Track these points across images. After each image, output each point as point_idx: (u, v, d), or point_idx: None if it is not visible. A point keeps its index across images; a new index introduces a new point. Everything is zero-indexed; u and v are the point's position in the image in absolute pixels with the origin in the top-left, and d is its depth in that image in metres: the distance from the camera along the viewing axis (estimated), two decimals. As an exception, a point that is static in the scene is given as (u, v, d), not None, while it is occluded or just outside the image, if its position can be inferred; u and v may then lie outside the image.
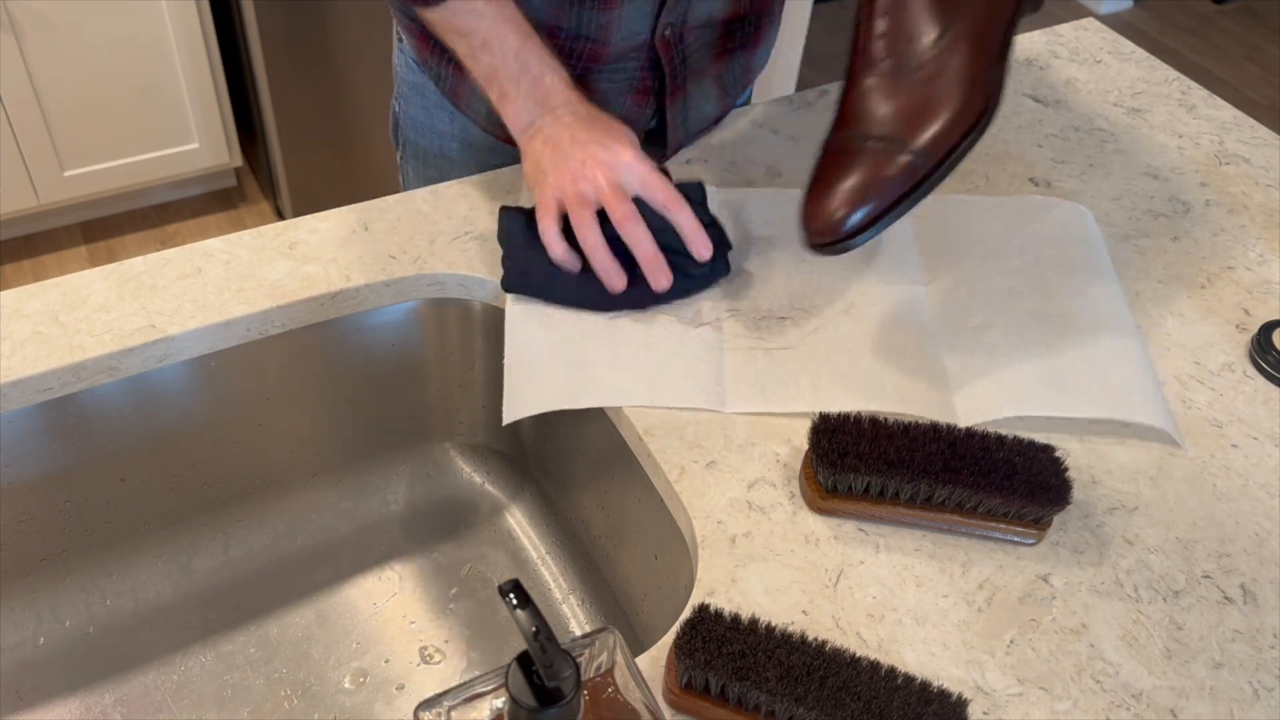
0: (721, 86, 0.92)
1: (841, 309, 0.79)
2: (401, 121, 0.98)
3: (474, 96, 0.89)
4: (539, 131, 0.77)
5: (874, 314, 0.78)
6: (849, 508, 0.66)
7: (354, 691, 0.78)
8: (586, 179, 0.73)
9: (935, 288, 0.81)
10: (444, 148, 0.95)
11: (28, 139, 1.98)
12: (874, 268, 0.82)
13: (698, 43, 0.87)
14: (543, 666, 0.45)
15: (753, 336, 0.76)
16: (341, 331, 0.81)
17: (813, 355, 0.75)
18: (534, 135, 0.77)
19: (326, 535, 0.87)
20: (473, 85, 0.86)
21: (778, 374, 0.74)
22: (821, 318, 0.78)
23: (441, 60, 0.88)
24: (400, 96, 0.97)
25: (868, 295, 0.80)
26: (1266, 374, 0.78)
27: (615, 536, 0.81)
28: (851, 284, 0.81)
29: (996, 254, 0.85)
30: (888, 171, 0.67)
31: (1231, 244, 0.90)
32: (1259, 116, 2.85)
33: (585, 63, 0.84)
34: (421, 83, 0.93)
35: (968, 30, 0.68)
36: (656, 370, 0.74)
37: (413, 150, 0.99)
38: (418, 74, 0.93)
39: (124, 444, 0.77)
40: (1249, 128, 1.03)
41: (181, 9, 1.95)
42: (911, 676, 0.55)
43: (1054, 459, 0.65)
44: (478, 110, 0.90)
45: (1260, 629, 0.63)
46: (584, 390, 0.72)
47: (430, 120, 0.95)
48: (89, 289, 0.77)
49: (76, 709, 0.77)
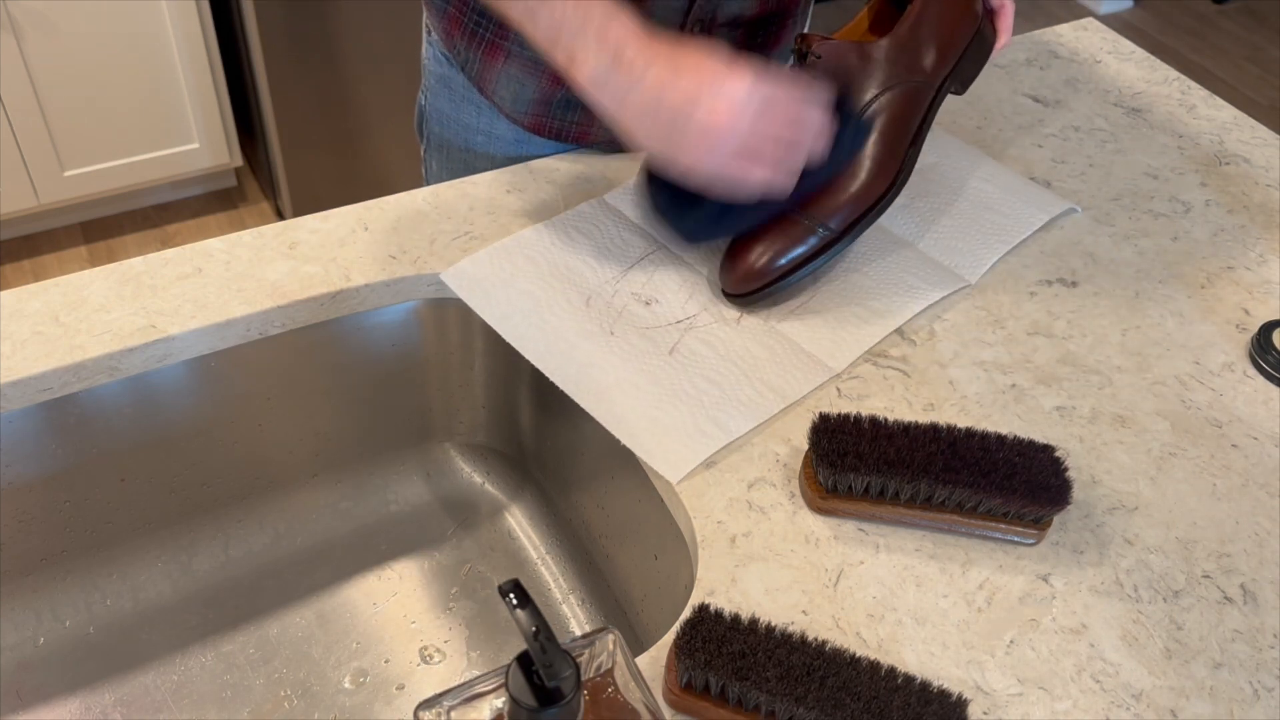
0: None
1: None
2: (427, 114, 0.99)
3: (500, 84, 0.89)
4: (625, 103, 0.68)
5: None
6: (849, 508, 0.66)
7: (354, 691, 0.78)
8: (720, 140, 0.67)
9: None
10: (470, 141, 0.96)
11: (28, 139, 1.98)
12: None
13: (723, 40, 0.88)
14: (543, 666, 0.45)
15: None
16: (341, 331, 0.81)
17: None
18: (621, 107, 0.69)
19: (326, 535, 0.87)
20: (500, 71, 0.86)
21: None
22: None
23: (471, 44, 0.88)
24: (427, 89, 0.98)
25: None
26: (1266, 374, 0.78)
27: (615, 536, 0.81)
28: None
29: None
30: (799, 241, 0.77)
31: (1231, 244, 0.90)
32: (1259, 116, 2.85)
33: None
34: (449, 75, 0.93)
35: (886, 116, 0.77)
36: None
37: (437, 143, 0.99)
38: (445, 67, 0.93)
39: (124, 444, 0.77)
40: (1249, 128, 1.03)
41: (181, 9, 1.95)
42: (911, 676, 0.55)
43: (1054, 459, 0.65)
44: (503, 97, 0.90)
45: (1260, 629, 0.63)
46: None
47: (457, 113, 0.95)
48: (89, 289, 0.77)
49: (76, 709, 0.76)
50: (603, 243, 0.83)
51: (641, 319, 0.77)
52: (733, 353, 0.76)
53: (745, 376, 0.74)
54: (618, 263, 0.81)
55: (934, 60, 0.79)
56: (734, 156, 0.69)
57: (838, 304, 0.80)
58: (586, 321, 0.77)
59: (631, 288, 0.80)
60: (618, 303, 0.78)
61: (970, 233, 0.87)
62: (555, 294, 0.78)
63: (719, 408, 0.72)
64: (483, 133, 0.95)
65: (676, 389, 0.73)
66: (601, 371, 0.73)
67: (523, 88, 0.89)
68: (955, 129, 0.99)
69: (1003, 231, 0.87)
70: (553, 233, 0.83)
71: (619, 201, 0.86)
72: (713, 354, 0.75)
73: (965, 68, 0.82)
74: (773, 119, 0.68)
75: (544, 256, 0.81)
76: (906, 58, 0.78)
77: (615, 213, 0.85)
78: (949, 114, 1.01)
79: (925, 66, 0.78)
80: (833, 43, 0.77)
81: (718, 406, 0.72)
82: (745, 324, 0.78)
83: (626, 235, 0.84)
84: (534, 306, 0.77)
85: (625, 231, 0.84)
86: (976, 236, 0.86)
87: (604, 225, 0.84)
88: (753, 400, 0.72)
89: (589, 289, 0.79)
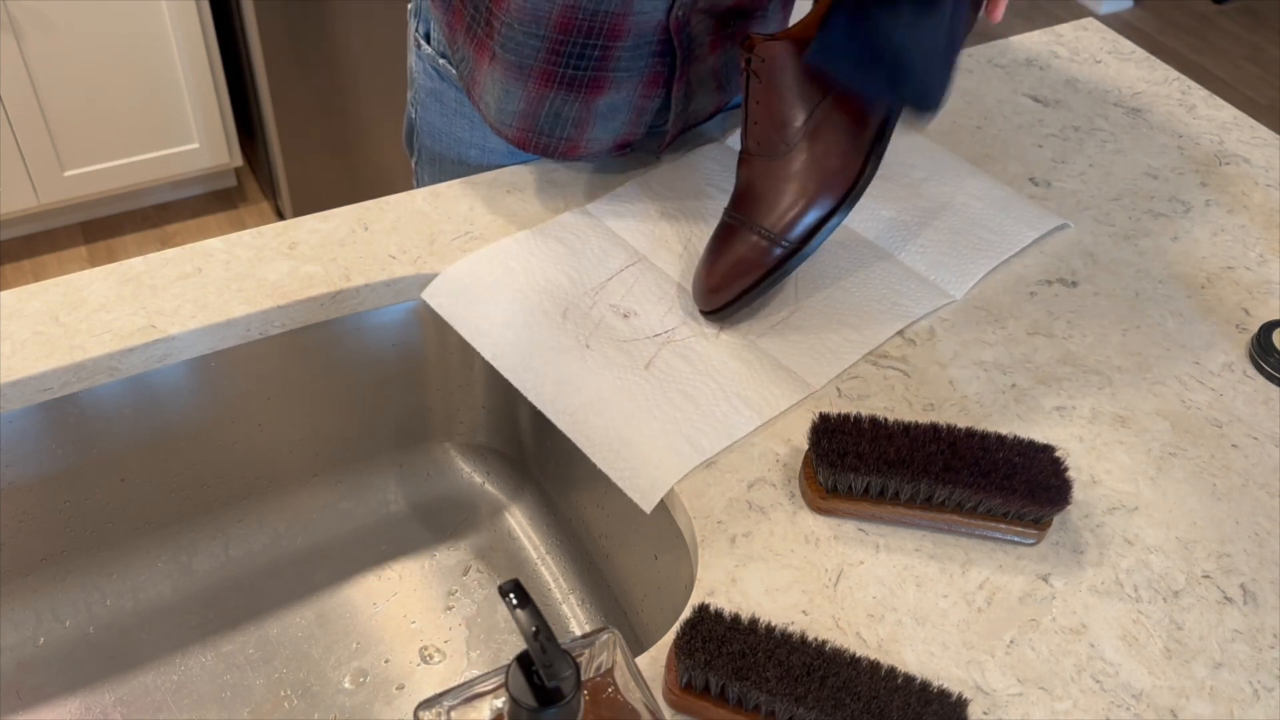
0: (717, 80, 0.92)
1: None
2: (418, 128, 0.98)
3: (485, 88, 0.89)
4: None
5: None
6: (849, 508, 0.66)
7: (354, 691, 0.78)
8: None
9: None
10: (462, 154, 0.95)
11: (28, 139, 1.98)
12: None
13: (699, 28, 0.87)
14: (543, 666, 0.45)
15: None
16: (341, 331, 0.81)
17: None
18: None
19: (326, 535, 0.87)
20: (485, 73, 0.86)
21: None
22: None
23: (469, 42, 0.88)
24: (417, 103, 0.97)
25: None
26: (1266, 374, 0.78)
27: (615, 536, 0.81)
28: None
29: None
30: (759, 258, 0.76)
31: (1231, 244, 0.90)
32: (1259, 116, 2.86)
33: (605, 40, 0.84)
34: (440, 89, 0.93)
35: (839, 115, 0.75)
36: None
37: (428, 156, 0.98)
38: (436, 80, 0.93)
39: (124, 444, 0.77)
40: (1249, 128, 1.03)
41: (181, 9, 1.95)
42: (911, 676, 0.55)
43: (1054, 459, 0.65)
44: (488, 103, 0.90)
45: (1260, 629, 0.63)
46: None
47: (449, 127, 0.95)
48: (89, 289, 0.77)
49: (76, 709, 0.77)
50: (583, 253, 0.82)
51: (619, 332, 0.76)
52: (710, 368, 0.74)
53: (722, 392, 0.73)
54: (597, 274, 0.80)
55: None
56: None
57: (820, 320, 0.79)
58: (563, 335, 0.76)
59: (610, 299, 0.79)
60: (595, 314, 0.77)
61: (957, 247, 0.86)
62: (533, 306, 0.77)
63: (693, 425, 0.71)
64: (476, 146, 0.94)
65: (651, 406, 0.71)
66: (575, 389, 0.72)
67: (507, 94, 0.87)
68: (955, 130, 0.99)
69: (990, 247, 0.86)
70: (532, 243, 0.82)
71: (601, 211, 0.86)
72: (690, 369, 0.74)
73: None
74: None
75: (522, 267, 0.80)
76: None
77: (597, 223, 0.85)
78: (948, 115, 1.01)
79: None
80: (777, 43, 0.75)
81: (692, 424, 0.71)
82: (724, 339, 0.77)
83: (607, 246, 0.83)
84: (510, 320, 0.76)
85: (606, 242, 0.83)
86: (963, 251, 0.85)
87: (585, 235, 0.83)
88: (728, 417, 0.71)
89: (566, 300, 0.78)
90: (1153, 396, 0.76)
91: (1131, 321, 0.82)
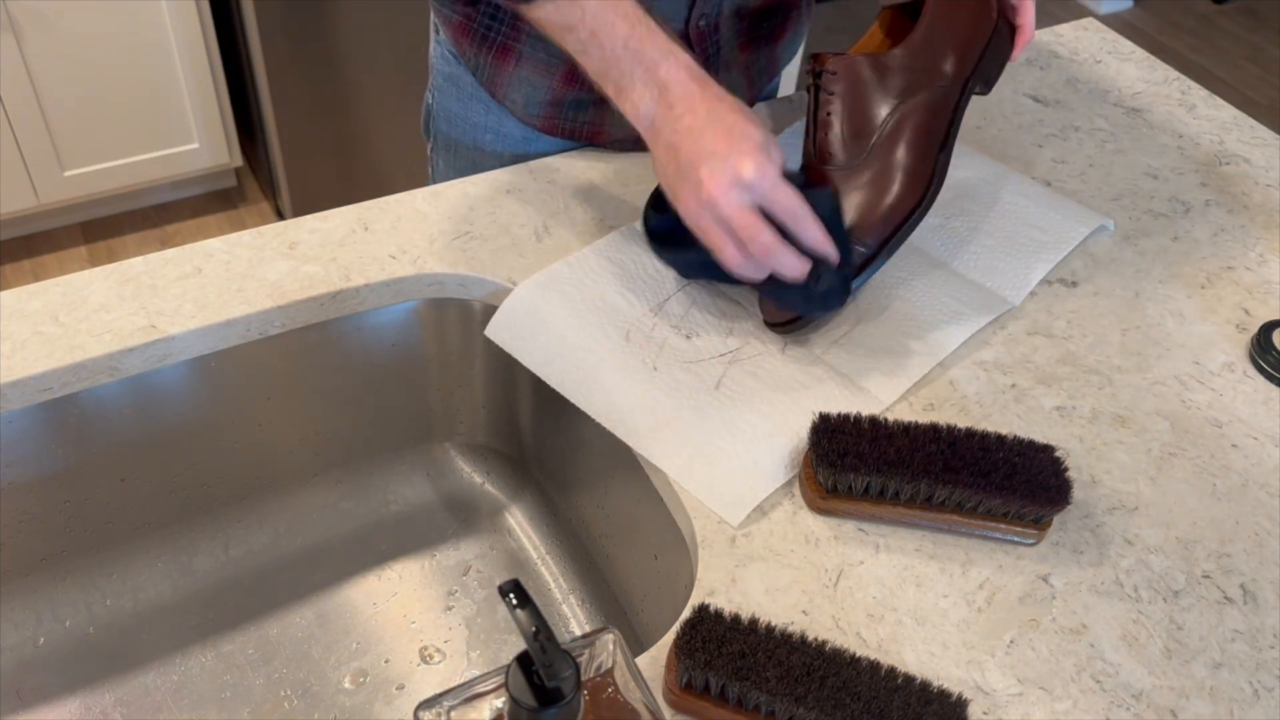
0: (748, 78, 0.93)
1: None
2: (435, 113, 0.99)
3: (512, 86, 0.90)
4: (659, 135, 0.72)
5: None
6: (849, 508, 0.66)
7: (354, 691, 0.78)
8: (708, 205, 0.69)
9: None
10: (478, 140, 0.96)
11: (28, 139, 1.98)
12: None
13: (729, 32, 0.88)
14: (543, 666, 0.45)
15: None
16: (341, 331, 0.81)
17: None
18: (655, 138, 0.72)
19: (326, 535, 0.87)
20: (511, 75, 0.86)
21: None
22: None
23: (480, 49, 0.88)
24: (435, 89, 0.97)
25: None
26: (1266, 374, 0.78)
27: (615, 536, 0.81)
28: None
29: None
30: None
31: (1231, 244, 0.90)
32: (1259, 116, 2.85)
33: None
34: (457, 74, 0.93)
35: (911, 125, 0.76)
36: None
37: (444, 141, 0.99)
38: (453, 65, 0.93)
39: (124, 444, 0.77)
40: (1249, 128, 1.03)
41: (181, 9, 1.95)
42: (911, 676, 0.55)
43: (1054, 459, 0.65)
44: (515, 101, 0.90)
45: (1260, 629, 0.63)
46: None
47: (465, 112, 0.95)
48: (89, 289, 0.77)
49: (76, 709, 0.77)
50: (636, 274, 0.80)
51: (684, 353, 0.75)
52: (781, 384, 0.73)
53: (797, 408, 0.72)
54: (654, 294, 0.79)
55: (953, 63, 0.77)
56: (714, 224, 0.69)
57: (883, 333, 0.78)
58: (628, 358, 0.74)
59: (670, 320, 0.77)
60: (658, 336, 0.76)
61: (1009, 252, 0.84)
62: (593, 330, 0.76)
63: (772, 442, 0.70)
64: (491, 130, 0.94)
65: (727, 425, 0.71)
66: (646, 410, 0.71)
67: (534, 90, 0.89)
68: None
69: (1042, 249, 0.85)
70: (585, 265, 0.80)
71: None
72: (761, 386, 0.73)
73: (987, 67, 0.80)
74: (752, 220, 0.68)
75: (578, 291, 0.78)
76: (924, 63, 0.76)
77: (644, 241, 0.83)
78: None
79: (945, 70, 0.77)
80: (847, 58, 0.76)
81: (770, 441, 0.70)
82: (791, 354, 0.76)
83: (659, 265, 0.81)
84: (572, 348, 0.75)
85: (657, 260, 0.82)
86: (1016, 255, 0.84)
87: (635, 255, 0.82)
88: (804, 434, 0.70)
89: (627, 323, 0.77)
90: (1153, 396, 0.76)
91: (1131, 321, 0.82)
